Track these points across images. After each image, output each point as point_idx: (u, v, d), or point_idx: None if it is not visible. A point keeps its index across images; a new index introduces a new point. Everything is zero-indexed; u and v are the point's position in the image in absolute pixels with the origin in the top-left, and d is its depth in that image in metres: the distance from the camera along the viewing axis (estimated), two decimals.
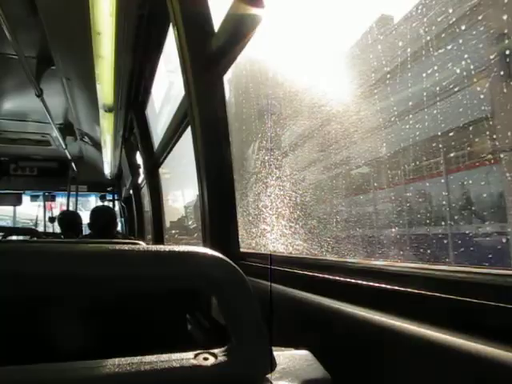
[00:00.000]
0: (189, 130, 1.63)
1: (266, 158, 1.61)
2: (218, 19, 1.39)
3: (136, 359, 0.41)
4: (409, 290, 0.59)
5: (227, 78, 1.48)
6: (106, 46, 2.20)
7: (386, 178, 1.52)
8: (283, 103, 1.70)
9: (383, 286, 0.64)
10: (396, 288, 0.61)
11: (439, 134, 1.13)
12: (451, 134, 1.11)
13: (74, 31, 2.27)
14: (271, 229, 1.49)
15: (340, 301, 0.68)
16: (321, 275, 0.82)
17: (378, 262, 0.78)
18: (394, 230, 1.39)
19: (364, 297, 0.66)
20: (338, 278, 0.76)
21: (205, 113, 1.43)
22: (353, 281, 0.71)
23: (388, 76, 1.23)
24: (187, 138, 1.81)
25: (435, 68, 1.06)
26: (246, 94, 2.22)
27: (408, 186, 1.45)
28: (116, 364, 0.40)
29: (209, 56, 1.40)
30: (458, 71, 0.99)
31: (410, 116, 1.18)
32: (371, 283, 0.67)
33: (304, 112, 1.64)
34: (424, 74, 1.09)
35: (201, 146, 1.44)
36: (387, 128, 1.28)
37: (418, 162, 1.35)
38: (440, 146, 1.19)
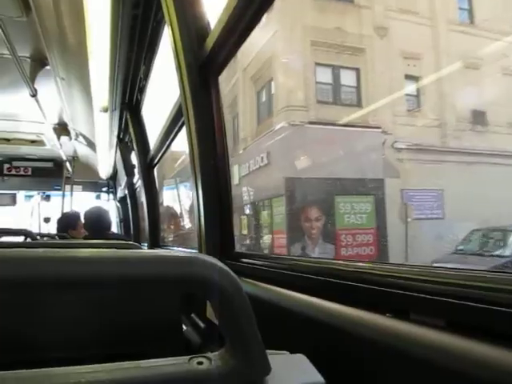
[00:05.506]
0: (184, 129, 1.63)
1: None
2: (213, 18, 1.38)
3: (129, 364, 0.40)
4: (408, 292, 0.58)
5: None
6: (100, 45, 2.19)
7: None
8: None
9: (383, 288, 0.63)
10: (394, 290, 0.61)
11: None
12: None
13: (68, 30, 2.25)
14: None
15: (338, 303, 0.68)
16: (318, 277, 0.81)
17: (379, 265, 0.77)
18: None
19: (363, 300, 0.65)
20: (337, 280, 0.75)
21: (200, 113, 1.42)
22: (352, 283, 0.71)
23: None
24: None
25: None
26: None
27: None
28: (108, 369, 0.39)
29: (204, 55, 1.39)
30: None
31: None
32: (370, 286, 0.66)
33: None
34: None
35: (196, 145, 1.43)
36: None
37: None
38: None
